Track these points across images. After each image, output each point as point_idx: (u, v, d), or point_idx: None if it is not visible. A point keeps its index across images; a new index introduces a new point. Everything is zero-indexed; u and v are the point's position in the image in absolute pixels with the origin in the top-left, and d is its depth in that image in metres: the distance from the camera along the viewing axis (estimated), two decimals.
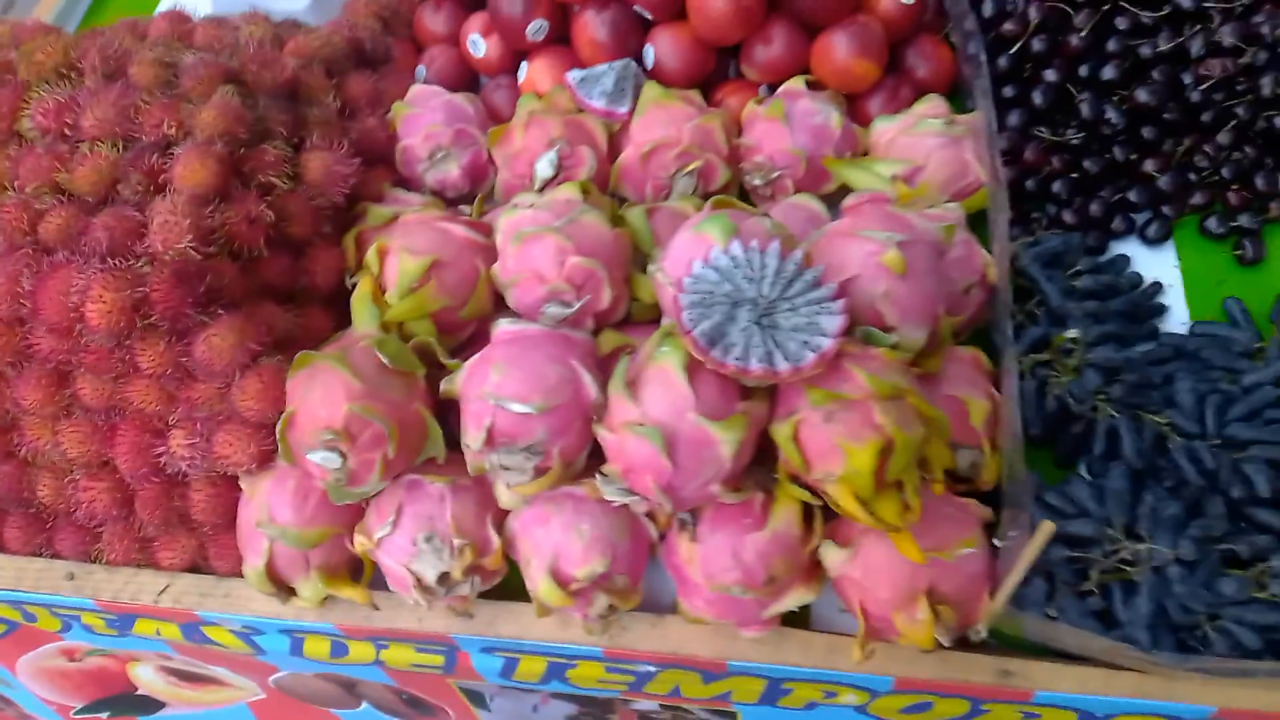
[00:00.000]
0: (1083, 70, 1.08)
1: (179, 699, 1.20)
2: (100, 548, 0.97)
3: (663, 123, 1.06)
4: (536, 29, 1.16)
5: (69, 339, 0.87)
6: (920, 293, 0.82)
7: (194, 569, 0.96)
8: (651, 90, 1.10)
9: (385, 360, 0.84)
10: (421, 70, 1.25)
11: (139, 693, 1.19)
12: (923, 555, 0.75)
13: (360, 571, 0.92)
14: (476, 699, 1.07)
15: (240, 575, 0.92)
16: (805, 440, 0.76)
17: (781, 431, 0.77)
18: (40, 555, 0.99)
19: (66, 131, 0.94)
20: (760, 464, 0.83)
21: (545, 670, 0.94)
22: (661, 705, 1.01)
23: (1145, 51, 1.08)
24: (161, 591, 0.95)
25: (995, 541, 0.79)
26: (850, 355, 0.76)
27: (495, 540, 0.86)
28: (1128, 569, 0.77)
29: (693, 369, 0.76)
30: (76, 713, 1.23)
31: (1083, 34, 1.07)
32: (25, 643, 1.12)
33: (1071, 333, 0.87)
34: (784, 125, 1.05)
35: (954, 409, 0.84)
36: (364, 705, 1.15)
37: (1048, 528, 0.68)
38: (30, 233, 0.90)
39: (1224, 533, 0.79)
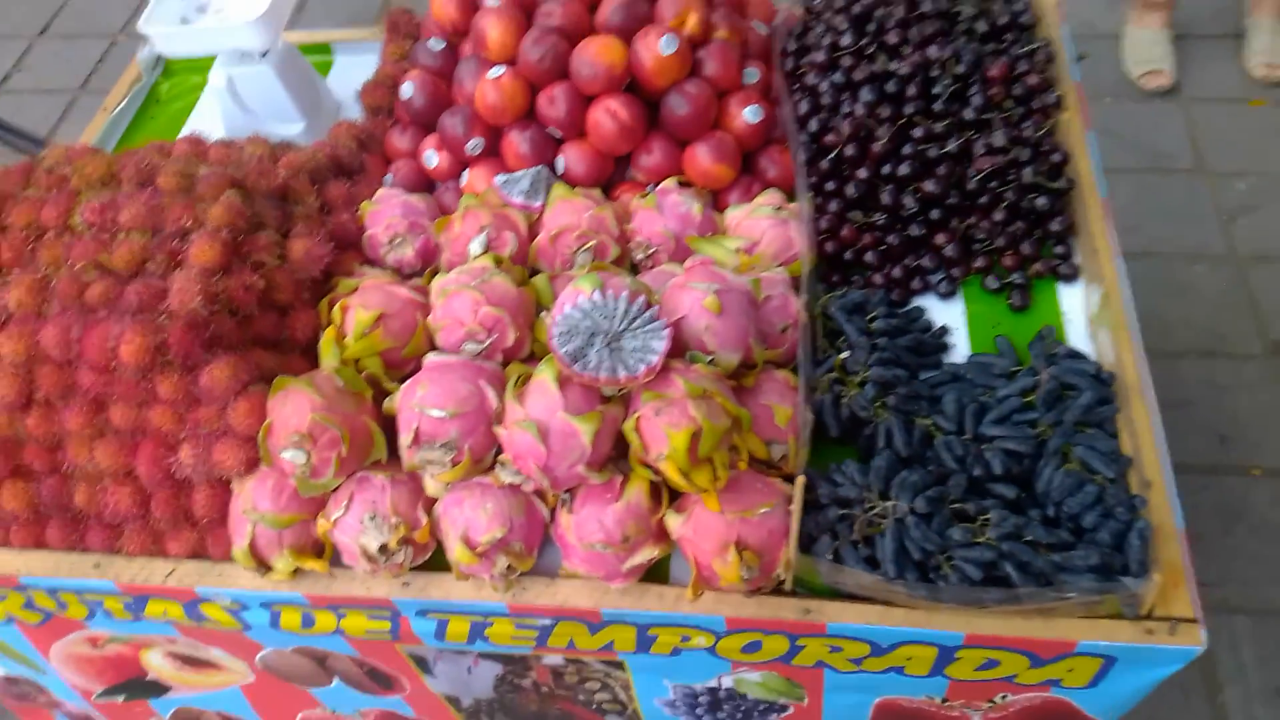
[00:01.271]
0: (885, 169, 1.32)
1: (182, 682, 1.37)
2: (122, 543, 1.16)
3: (567, 213, 1.30)
4: (474, 145, 1.41)
5: (105, 374, 1.08)
6: (733, 327, 1.04)
7: (194, 556, 1.15)
8: (559, 189, 1.34)
9: (341, 383, 1.05)
10: (389, 178, 1.50)
11: (149, 677, 1.36)
12: (720, 506, 0.95)
13: (322, 554, 1.11)
14: (422, 664, 1.25)
15: (230, 560, 1.11)
16: (643, 429, 0.97)
17: (628, 425, 0.98)
18: (74, 551, 1.18)
19: (108, 225, 1.17)
20: (623, 456, 1.04)
21: (469, 630, 1.12)
22: (565, 659, 1.20)
23: (932, 153, 1.33)
24: (169, 574, 1.14)
25: (791, 507, 1.00)
26: (676, 369, 0.98)
27: (424, 519, 1.05)
28: (881, 522, 0.97)
29: (562, 381, 0.98)
30: (98, 696, 1.39)
31: (883, 142, 1.32)
32: (57, 631, 1.29)
33: (843, 354, 1.09)
34: (657, 213, 1.29)
35: (765, 413, 1.05)
36: (335, 681, 1.33)
37: (801, 480, 0.89)
38: (78, 298, 1.12)
39: (959, 497, 1.00)
